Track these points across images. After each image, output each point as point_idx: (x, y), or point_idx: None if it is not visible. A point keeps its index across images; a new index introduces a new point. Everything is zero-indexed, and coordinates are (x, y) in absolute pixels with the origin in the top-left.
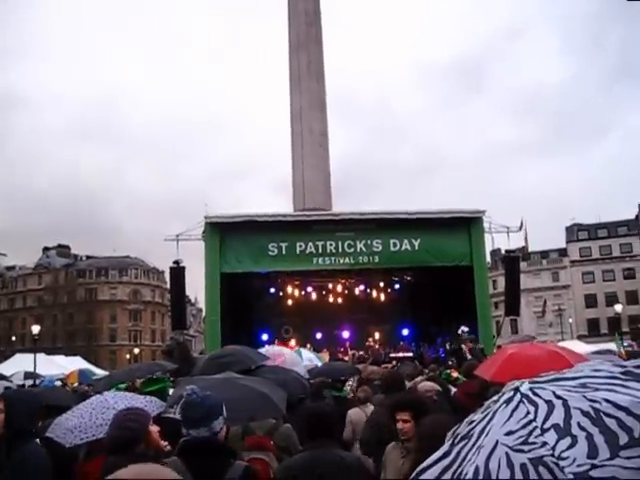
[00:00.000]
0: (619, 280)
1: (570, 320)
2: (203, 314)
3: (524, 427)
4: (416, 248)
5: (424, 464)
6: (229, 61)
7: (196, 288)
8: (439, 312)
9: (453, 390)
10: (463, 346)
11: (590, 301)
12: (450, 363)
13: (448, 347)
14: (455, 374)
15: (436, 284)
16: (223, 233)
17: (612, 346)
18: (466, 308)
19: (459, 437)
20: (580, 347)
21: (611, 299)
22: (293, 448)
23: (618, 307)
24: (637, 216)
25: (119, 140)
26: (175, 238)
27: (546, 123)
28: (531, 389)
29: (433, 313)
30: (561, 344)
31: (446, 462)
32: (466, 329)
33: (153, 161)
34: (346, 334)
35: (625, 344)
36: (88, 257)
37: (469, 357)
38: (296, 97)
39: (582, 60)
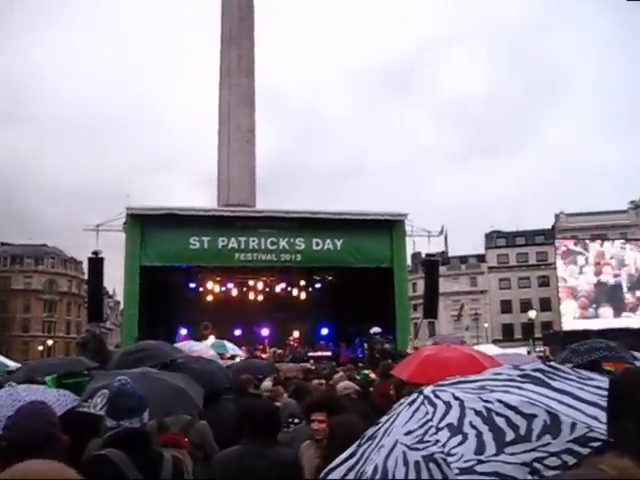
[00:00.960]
0: (534, 287)
1: (486, 324)
2: (121, 307)
3: (422, 427)
4: (338, 248)
5: (332, 464)
6: (158, 52)
7: (114, 280)
8: (359, 312)
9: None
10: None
11: (506, 307)
12: (362, 364)
13: (366, 348)
14: (373, 375)
15: (357, 285)
16: (144, 225)
17: (523, 350)
18: (385, 309)
19: (365, 438)
20: (494, 351)
21: (525, 305)
22: (208, 445)
23: (532, 313)
24: (553, 226)
25: (38, 125)
26: (95, 228)
27: (470, 132)
28: (433, 391)
29: (353, 313)
30: (476, 348)
31: (351, 462)
32: (378, 330)
33: (75, 148)
34: (265, 332)
35: (537, 349)
36: (2, 244)
37: (378, 357)
38: (225, 92)
39: (505, 73)
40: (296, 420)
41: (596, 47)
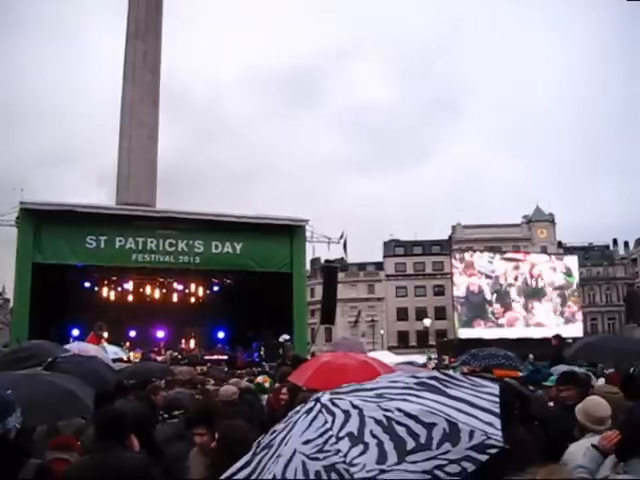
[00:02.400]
0: (429, 296)
1: (382, 331)
2: (11, 305)
3: (321, 436)
4: (238, 252)
5: (226, 474)
6: (60, 43)
7: (4, 277)
8: (257, 316)
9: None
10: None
11: (402, 314)
12: (259, 369)
13: (263, 352)
14: (267, 383)
15: (256, 289)
16: (39, 221)
17: (417, 358)
18: (283, 314)
19: (261, 446)
20: (389, 357)
21: (421, 313)
22: None
23: (427, 321)
24: (450, 237)
25: None
26: None
27: (373, 141)
28: (331, 399)
29: (251, 317)
30: (372, 354)
31: (247, 471)
32: (287, 337)
33: None
34: (161, 334)
35: (432, 356)
36: None
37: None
38: (128, 87)
39: (408, 86)
40: (175, 412)
41: (496, 66)
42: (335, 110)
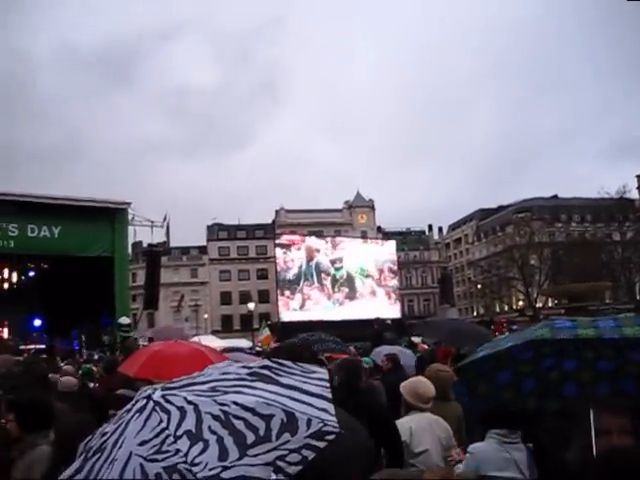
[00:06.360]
0: (253, 279)
1: (205, 315)
2: None
3: (157, 436)
4: (56, 236)
5: None
6: None
7: None
8: (76, 303)
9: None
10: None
11: (225, 298)
12: (85, 358)
13: (84, 340)
14: (96, 369)
15: (75, 274)
16: None
17: (243, 342)
18: (106, 300)
19: (92, 451)
20: (214, 342)
21: (244, 297)
22: None
23: (251, 305)
24: (273, 221)
25: None
26: None
27: (195, 126)
28: (163, 396)
29: (70, 304)
30: (196, 339)
31: (79, 478)
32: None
33: None
34: None
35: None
36: None
37: None
38: None
39: (231, 72)
40: None
41: (317, 53)
42: (157, 92)
